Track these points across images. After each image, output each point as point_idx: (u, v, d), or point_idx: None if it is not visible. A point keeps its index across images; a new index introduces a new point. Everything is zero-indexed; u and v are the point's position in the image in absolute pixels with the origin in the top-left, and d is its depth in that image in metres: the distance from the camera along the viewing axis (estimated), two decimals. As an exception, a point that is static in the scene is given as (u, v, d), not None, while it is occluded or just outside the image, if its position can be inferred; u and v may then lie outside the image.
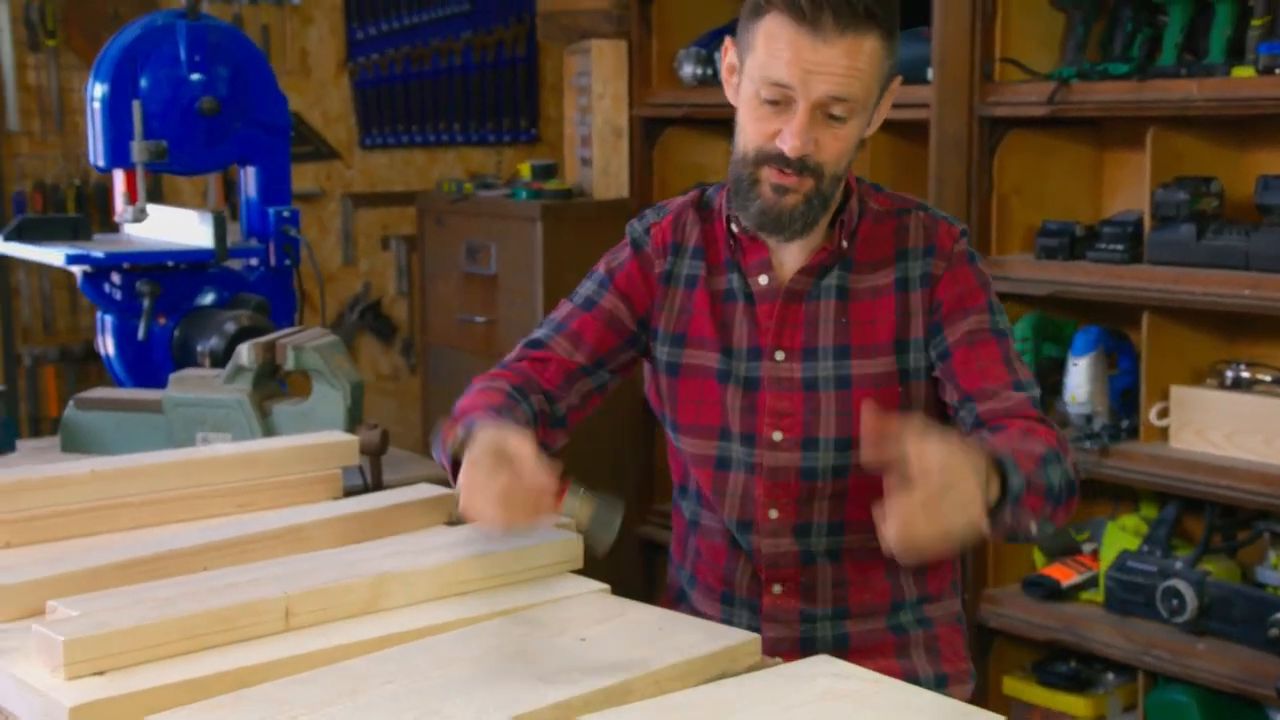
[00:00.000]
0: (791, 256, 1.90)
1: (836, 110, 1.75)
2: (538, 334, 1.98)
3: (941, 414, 1.91)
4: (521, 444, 1.60)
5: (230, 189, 4.57)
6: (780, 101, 1.75)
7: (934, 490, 1.44)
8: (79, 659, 1.47)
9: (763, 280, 1.91)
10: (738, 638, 1.63)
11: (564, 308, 2.00)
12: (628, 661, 1.54)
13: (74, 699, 1.41)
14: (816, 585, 1.93)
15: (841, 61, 1.72)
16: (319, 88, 4.91)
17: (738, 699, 1.47)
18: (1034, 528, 1.72)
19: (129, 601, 1.59)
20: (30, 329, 4.43)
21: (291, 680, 1.48)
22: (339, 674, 1.50)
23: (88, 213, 4.26)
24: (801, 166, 1.78)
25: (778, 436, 1.89)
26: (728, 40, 1.87)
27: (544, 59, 5.28)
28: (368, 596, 1.68)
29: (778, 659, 1.66)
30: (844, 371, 1.88)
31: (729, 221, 1.92)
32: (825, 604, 1.94)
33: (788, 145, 1.76)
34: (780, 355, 1.89)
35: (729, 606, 1.97)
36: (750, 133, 1.80)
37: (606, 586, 1.78)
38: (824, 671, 1.54)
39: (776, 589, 1.94)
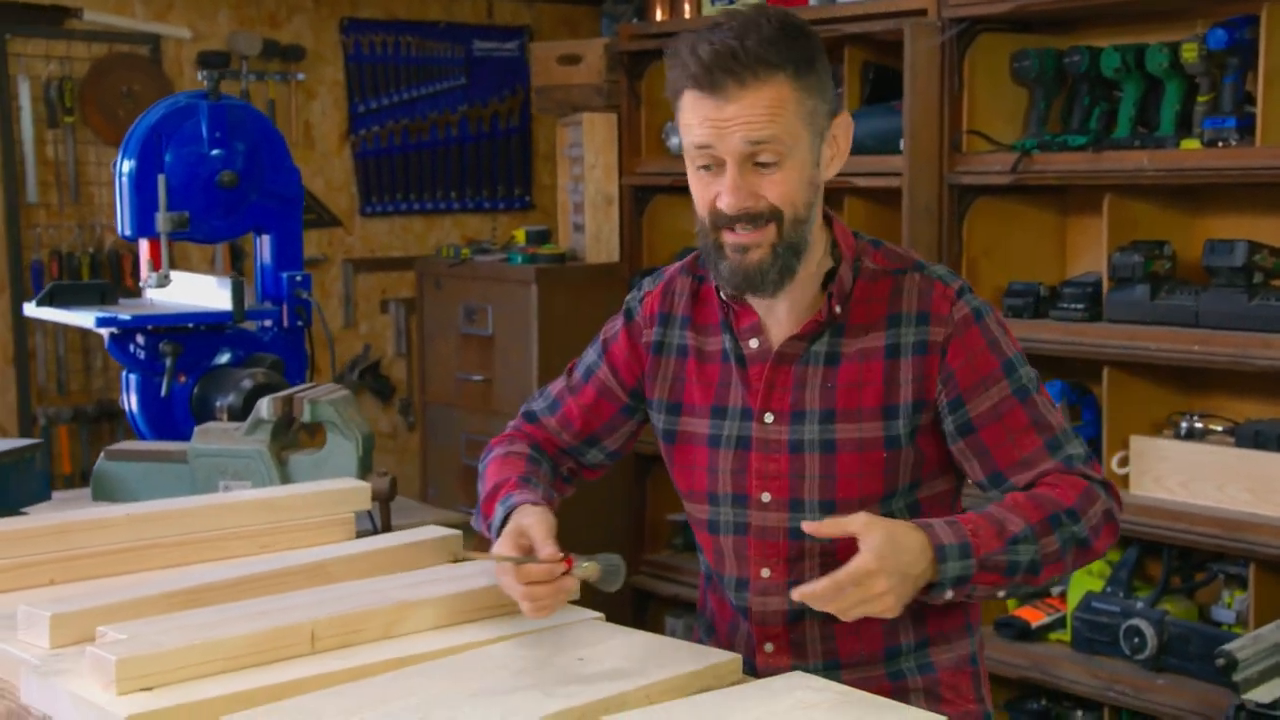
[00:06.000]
0: (782, 320, 1.93)
1: (763, 157, 1.80)
2: (534, 405, 2.15)
3: (927, 481, 1.93)
4: (539, 526, 1.82)
5: (236, 256, 4.78)
6: (712, 165, 1.85)
7: (841, 595, 1.68)
8: (129, 676, 1.65)
9: (753, 344, 1.94)
10: (720, 657, 1.81)
11: (560, 382, 2.14)
12: (621, 677, 1.72)
13: (126, 711, 1.59)
14: (805, 641, 1.96)
15: (748, 113, 1.78)
16: (322, 159, 5.13)
17: (720, 708, 1.64)
18: (1001, 595, 1.84)
19: (171, 627, 1.77)
20: (45, 390, 4.61)
21: (323, 693, 1.66)
22: (366, 688, 1.68)
23: (101, 279, 4.46)
24: (756, 216, 1.82)
25: (766, 497, 1.93)
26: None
27: (537, 129, 5.51)
28: (386, 622, 1.86)
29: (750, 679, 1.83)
30: (829, 435, 1.89)
31: (718, 289, 1.97)
32: (816, 658, 1.96)
33: (724, 202, 1.82)
34: (769, 418, 1.92)
35: None
36: (699, 201, 1.88)
37: (601, 615, 1.96)
38: (799, 685, 1.71)
39: (768, 648, 1.98)
